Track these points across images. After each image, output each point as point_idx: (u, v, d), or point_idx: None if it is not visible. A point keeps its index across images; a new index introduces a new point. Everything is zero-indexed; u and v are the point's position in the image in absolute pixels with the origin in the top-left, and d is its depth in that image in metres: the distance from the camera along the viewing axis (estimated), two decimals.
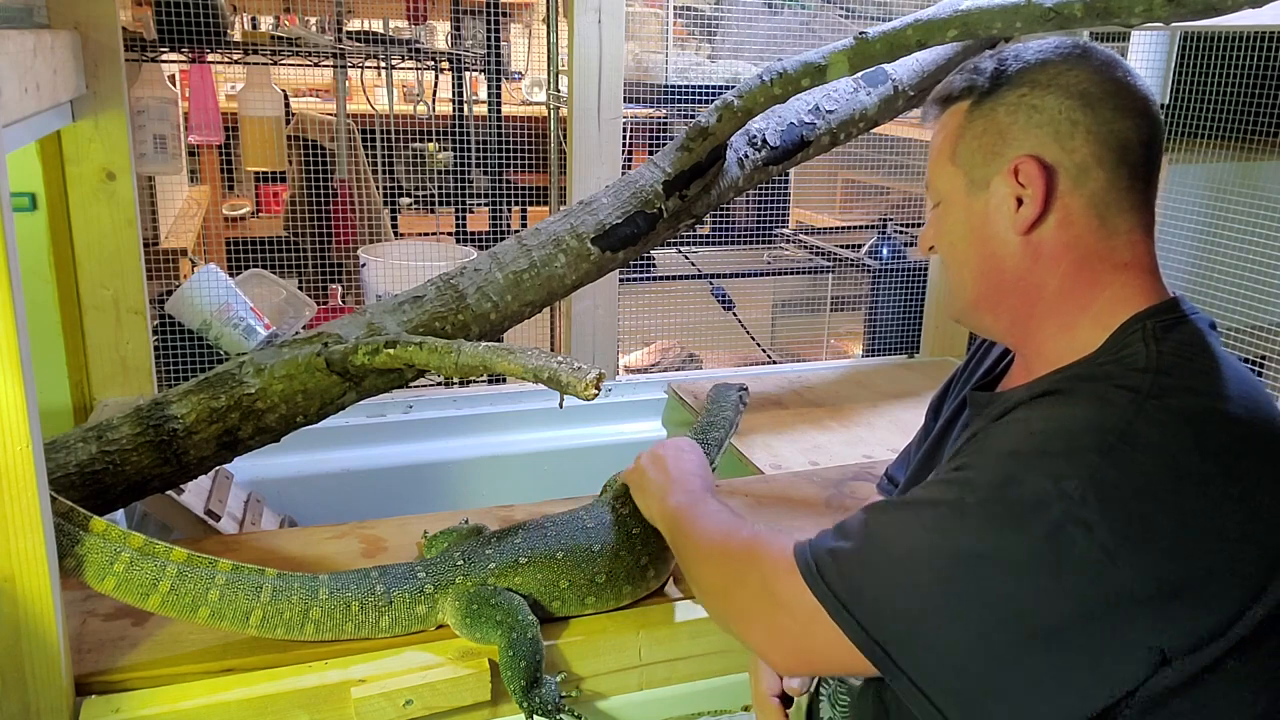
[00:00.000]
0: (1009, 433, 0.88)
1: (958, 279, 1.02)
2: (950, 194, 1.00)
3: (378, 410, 2.14)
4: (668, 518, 1.15)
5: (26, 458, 0.90)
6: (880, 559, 0.86)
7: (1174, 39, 2.13)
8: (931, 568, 0.83)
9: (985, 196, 0.96)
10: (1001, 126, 0.95)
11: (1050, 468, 0.80)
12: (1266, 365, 1.92)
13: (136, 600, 1.05)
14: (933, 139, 1.04)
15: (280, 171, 2.92)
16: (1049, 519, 0.78)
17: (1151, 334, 0.90)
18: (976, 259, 0.98)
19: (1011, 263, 0.96)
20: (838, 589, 0.86)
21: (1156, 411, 0.82)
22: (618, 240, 1.61)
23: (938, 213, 1.02)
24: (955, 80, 1.01)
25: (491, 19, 2.52)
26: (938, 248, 1.04)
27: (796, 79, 1.46)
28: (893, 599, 0.84)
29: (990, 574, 0.80)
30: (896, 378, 2.47)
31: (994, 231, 0.96)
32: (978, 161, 0.96)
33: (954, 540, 0.83)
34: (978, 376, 1.15)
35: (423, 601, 1.15)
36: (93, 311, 1.89)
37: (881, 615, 0.84)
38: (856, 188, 3.15)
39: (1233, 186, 1.98)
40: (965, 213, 0.98)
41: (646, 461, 1.26)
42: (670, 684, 1.25)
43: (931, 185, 1.03)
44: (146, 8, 2.19)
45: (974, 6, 1.24)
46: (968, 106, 0.98)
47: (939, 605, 0.81)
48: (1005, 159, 0.94)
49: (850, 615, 0.85)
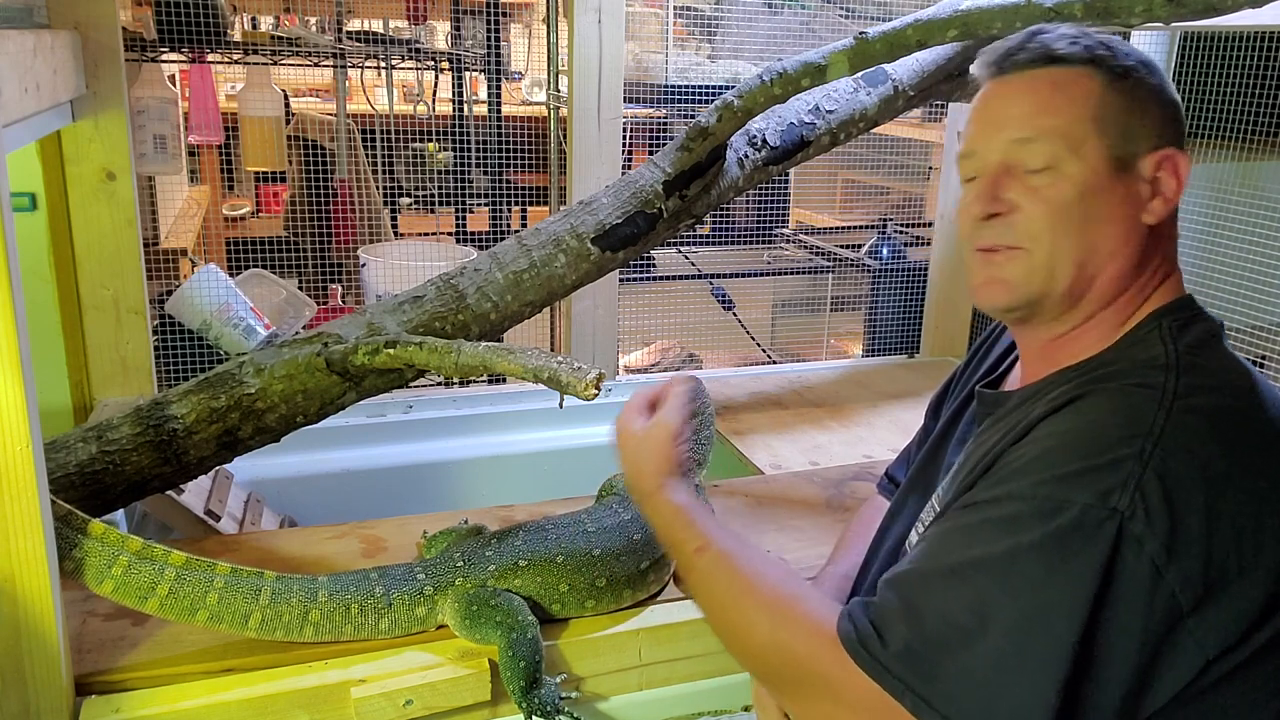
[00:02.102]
0: (1040, 452, 0.84)
1: (1050, 260, 0.90)
2: (1078, 164, 0.89)
3: (378, 410, 2.14)
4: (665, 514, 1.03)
5: (26, 458, 0.90)
6: (951, 639, 0.80)
7: (1174, 39, 2.13)
8: (1004, 632, 0.78)
9: (1128, 177, 0.90)
10: (1151, 112, 0.91)
11: (1094, 483, 0.78)
12: (1266, 365, 1.92)
13: (135, 603, 1.05)
14: (1035, 95, 0.92)
15: (280, 171, 2.92)
16: (1105, 539, 0.77)
17: (1169, 331, 0.89)
18: (1094, 241, 0.90)
19: (1129, 252, 0.91)
20: (912, 682, 0.80)
21: (1183, 413, 0.81)
22: (618, 240, 1.61)
23: (1040, 180, 0.90)
24: (1056, 44, 0.92)
25: (491, 19, 2.52)
26: (1026, 219, 0.91)
27: (796, 79, 1.46)
28: (972, 677, 0.78)
29: (1061, 620, 0.77)
30: (896, 378, 2.47)
31: (1126, 215, 0.90)
32: (1125, 139, 0.90)
33: (1019, 597, 0.78)
34: (980, 374, 1.14)
35: (422, 603, 1.15)
36: (93, 311, 1.89)
37: (963, 697, 0.78)
38: (856, 188, 3.15)
39: (1233, 186, 1.98)
40: (1101, 188, 0.90)
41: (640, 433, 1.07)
42: (670, 684, 1.25)
43: (1040, 146, 0.90)
44: (146, 8, 2.19)
45: (974, 6, 1.24)
46: (1104, 79, 0.91)
47: (1020, 670, 0.77)
48: (1154, 145, 0.90)
49: (933, 709, 0.78)
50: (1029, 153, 0.91)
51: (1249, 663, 0.79)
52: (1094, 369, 0.90)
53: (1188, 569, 0.76)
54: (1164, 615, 0.76)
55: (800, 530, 1.51)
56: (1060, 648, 0.76)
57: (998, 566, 0.79)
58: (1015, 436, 0.88)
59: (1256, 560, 0.78)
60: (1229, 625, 0.78)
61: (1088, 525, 0.77)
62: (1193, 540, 0.77)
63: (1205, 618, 0.77)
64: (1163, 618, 0.77)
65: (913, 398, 2.30)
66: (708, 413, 1.43)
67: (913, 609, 0.83)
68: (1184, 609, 0.77)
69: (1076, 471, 0.79)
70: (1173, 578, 0.76)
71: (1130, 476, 0.77)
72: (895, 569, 0.89)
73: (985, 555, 0.81)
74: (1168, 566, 0.76)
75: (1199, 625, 0.77)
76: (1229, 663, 0.79)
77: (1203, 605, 0.77)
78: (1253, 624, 0.78)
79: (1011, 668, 0.77)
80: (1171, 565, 0.76)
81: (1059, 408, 0.86)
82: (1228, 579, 0.77)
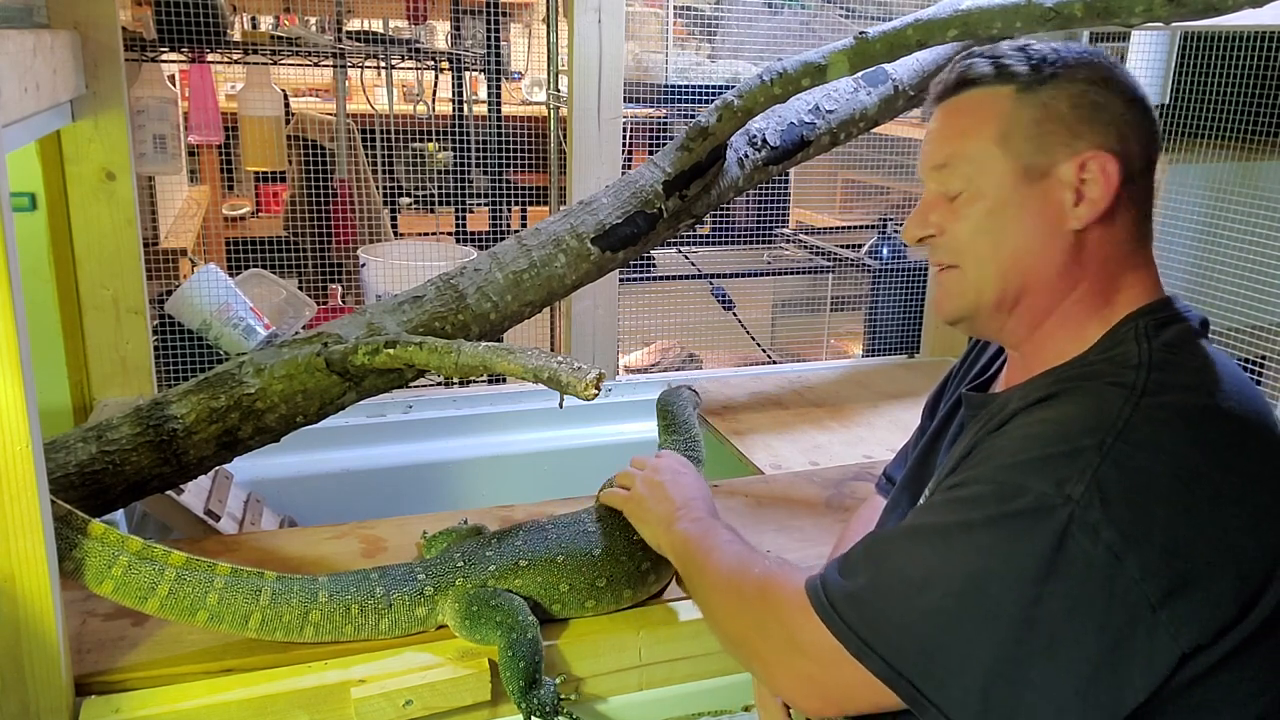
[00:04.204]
0: (1008, 443, 0.87)
1: (976, 275, 0.95)
2: (988, 181, 0.93)
3: (378, 410, 2.14)
4: (677, 547, 1.13)
5: (26, 458, 0.90)
6: (894, 590, 0.85)
7: (1174, 39, 2.13)
8: (946, 592, 0.81)
9: (1044, 186, 0.92)
10: (1066, 117, 0.91)
11: (1051, 472, 0.80)
12: (1266, 365, 1.92)
13: (135, 603, 1.05)
14: (949, 122, 0.97)
15: (280, 171, 2.92)
16: (1055, 525, 0.78)
17: (1144, 332, 0.90)
18: (1012, 253, 0.93)
19: (1053, 258, 0.92)
20: (857, 626, 0.85)
21: (1152, 408, 0.82)
22: (618, 240, 1.61)
23: (960, 201, 0.95)
24: (974, 66, 0.96)
25: (491, 19, 2.52)
26: (951, 239, 0.96)
27: (796, 79, 1.46)
28: (911, 629, 0.82)
29: (1004, 590, 0.79)
30: (896, 378, 2.47)
31: (1044, 224, 0.92)
32: (1035, 149, 0.92)
33: (965, 561, 0.82)
34: (972, 376, 1.15)
35: (422, 604, 1.15)
36: (93, 311, 1.89)
37: (903, 648, 0.82)
38: (856, 188, 3.15)
39: (1233, 186, 1.98)
40: (1011, 202, 0.92)
41: (644, 489, 1.21)
42: (670, 684, 1.25)
43: (953, 170, 0.95)
44: (146, 8, 2.19)
45: (974, 6, 1.24)
46: (1012, 92, 0.93)
47: (957, 629, 0.80)
48: (1072, 150, 0.91)
49: (873, 652, 0.83)
50: (945, 177, 0.96)
51: (1231, 658, 0.80)
52: (1072, 369, 0.92)
53: (1148, 559, 0.77)
54: (1125, 603, 0.77)
55: (800, 530, 1.51)
56: (998, 615, 0.79)
57: (950, 534, 0.84)
58: (992, 428, 0.91)
59: (1227, 555, 0.78)
60: (1203, 619, 0.78)
61: (1039, 510, 0.79)
62: (1154, 531, 0.77)
63: (1176, 611, 0.77)
64: (1124, 608, 0.77)
65: (913, 398, 2.30)
66: (693, 423, 1.43)
67: (872, 562, 0.89)
68: (1151, 601, 0.77)
69: (1037, 460, 0.82)
70: (1132, 566, 0.77)
71: (1087, 466, 0.79)
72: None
73: (942, 522, 0.86)
74: (1126, 554, 0.77)
75: (1171, 619, 0.77)
76: (1208, 658, 0.79)
77: (1172, 598, 0.77)
78: (1230, 619, 0.79)
79: (949, 625, 0.81)
80: (1130, 553, 0.77)
81: (1034, 402, 0.89)
82: (1197, 572, 0.77)
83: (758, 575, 0.99)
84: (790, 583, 0.94)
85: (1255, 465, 0.82)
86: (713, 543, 1.08)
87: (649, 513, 1.19)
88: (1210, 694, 0.81)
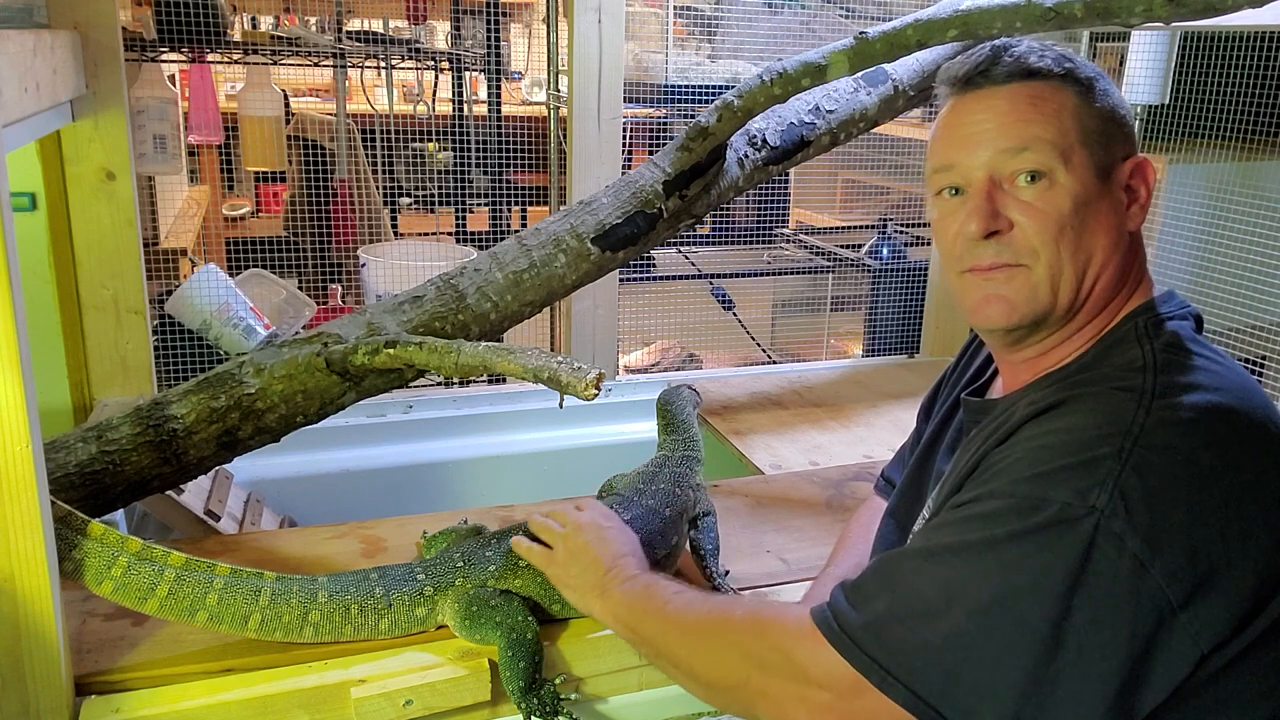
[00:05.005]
0: (1022, 454, 0.85)
1: (1052, 275, 0.91)
2: (1074, 176, 0.90)
3: (378, 410, 2.14)
4: (619, 613, 1.07)
5: (26, 458, 0.90)
6: (914, 614, 0.82)
7: (1174, 39, 2.13)
8: (970, 612, 0.79)
9: (1111, 186, 0.92)
10: (1117, 121, 0.93)
11: (1073, 482, 0.79)
12: (1266, 365, 1.92)
13: (134, 604, 1.05)
14: (1023, 106, 0.92)
15: (280, 171, 2.92)
16: (1081, 535, 0.77)
17: (1144, 331, 0.90)
18: (1089, 253, 0.91)
19: (1119, 260, 0.93)
20: (877, 655, 0.82)
21: (1163, 410, 0.82)
22: (618, 240, 1.61)
23: (1036, 191, 0.90)
24: (1029, 58, 0.93)
25: (491, 19, 2.52)
26: (1023, 235, 0.90)
27: (796, 79, 1.46)
28: (935, 654, 0.80)
29: (1032, 606, 0.78)
30: (896, 378, 2.47)
31: (1117, 223, 0.92)
32: (1104, 150, 0.92)
33: (989, 579, 0.80)
34: (967, 378, 1.15)
35: (422, 604, 1.15)
36: (93, 311, 1.89)
37: (927, 674, 0.80)
38: (856, 188, 3.15)
39: (1233, 186, 1.98)
40: (1092, 199, 0.90)
41: (566, 555, 1.14)
42: (670, 684, 1.24)
43: (1037, 154, 0.90)
44: (146, 8, 2.19)
45: (974, 6, 1.24)
46: (1078, 91, 0.92)
47: (984, 650, 0.78)
48: (1125, 152, 0.93)
49: (896, 680, 0.80)
50: (1022, 161, 0.90)
51: (1245, 655, 0.80)
52: (1075, 373, 0.91)
53: (1173, 564, 0.76)
54: (1152, 611, 0.77)
55: (800, 530, 1.51)
56: (1027, 633, 0.77)
57: (971, 552, 0.81)
58: (999, 439, 0.89)
59: (1244, 552, 0.78)
60: (1221, 618, 0.78)
61: (1064, 522, 0.78)
62: (1177, 536, 0.77)
63: (1197, 612, 0.77)
64: (1151, 614, 0.77)
65: (913, 398, 2.30)
66: (693, 424, 1.43)
67: (886, 586, 0.85)
68: (1174, 604, 0.77)
69: (1056, 470, 0.80)
70: (1159, 573, 0.76)
71: (1109, 475, 0.78)
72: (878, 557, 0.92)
73: (961, 541, 0.83)
74: (1152, 562, 0.76)
75: (1192, 620, 0.77)
76: (1224, 656, 0.79)
77: (1193, 600, 0.77)
78: (1245, 616, 0.78)
79: (973, 647, 0.79)
80: (1156, 561, 0.76)
81: (1042, 411, 0.87)
82: (1216, 572, 0.77)
83: (744, 614, 0.95)
84: (786, 615, 0.91)
85: (1263, 458, 0.82)
86: (663, 597, 1.03)
87: (575, 579, 1.12)
88: (1229, 690, 0.81)
